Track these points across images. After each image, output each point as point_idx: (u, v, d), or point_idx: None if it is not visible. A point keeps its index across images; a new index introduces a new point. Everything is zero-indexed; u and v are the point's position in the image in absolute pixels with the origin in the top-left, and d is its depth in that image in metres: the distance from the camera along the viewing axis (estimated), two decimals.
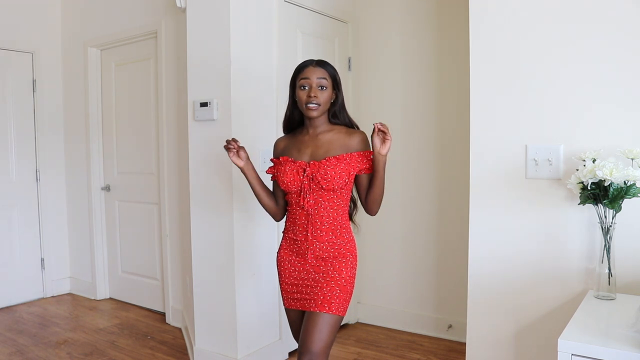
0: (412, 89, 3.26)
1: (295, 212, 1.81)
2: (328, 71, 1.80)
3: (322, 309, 1.72)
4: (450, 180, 3.13)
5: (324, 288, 1.75)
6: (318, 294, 1.76)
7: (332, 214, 1.78)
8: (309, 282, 1.81)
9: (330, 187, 1.74)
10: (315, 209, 1.77)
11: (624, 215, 1.62)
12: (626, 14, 1.67)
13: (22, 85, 4.03)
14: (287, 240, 1.87)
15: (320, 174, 1.74)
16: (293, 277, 1.84)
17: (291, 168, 1.79)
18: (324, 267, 1.79)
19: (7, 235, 3.96)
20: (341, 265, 1.78)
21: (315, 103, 1.75)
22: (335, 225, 1.79)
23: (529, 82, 1.84)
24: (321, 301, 1.73)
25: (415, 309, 3.30)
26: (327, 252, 1.78)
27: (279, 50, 2.82)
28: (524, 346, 1.88)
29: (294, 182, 1.78)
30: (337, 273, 1.77)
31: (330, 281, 1.76)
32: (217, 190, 2.65)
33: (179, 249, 3.48)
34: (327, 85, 1.78)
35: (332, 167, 1.74)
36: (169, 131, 3.50)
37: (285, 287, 1.87)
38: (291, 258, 1.84)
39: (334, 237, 1.79)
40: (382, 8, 3.35)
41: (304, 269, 1.82)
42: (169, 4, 3.32)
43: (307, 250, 1.80)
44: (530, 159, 1.83)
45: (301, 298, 1.83)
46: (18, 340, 3.22)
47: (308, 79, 1.77)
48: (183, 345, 3.16)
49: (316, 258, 1.79)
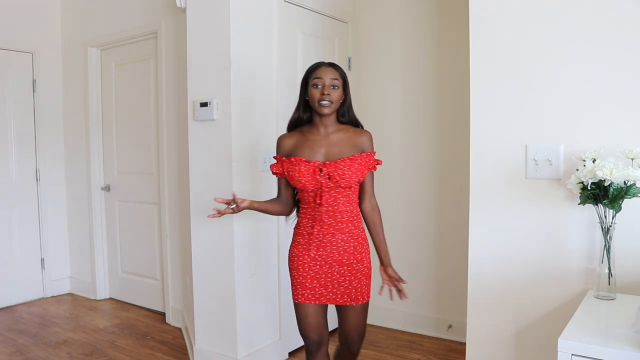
0: (412, 89, 3.26)
1: (314, 209, 1.88)
2: (340, 72, 1.90)
3: (357, 301, 1.90)
4: (450, 180, 3.13)
5: (353, 281, 1.90)
6: (349, 287, 1.90)
7: (348, 207, 1.89)
8: (333, 275, 1.89)
9: (348, 185, 1.85)
10: (334, 205, 1.87)
11: (624, 215, 1.62)
12: (626, 14, 1.67)
13: (22, 85, 4.03)
14: (303, 236, 1.92)
15: (338, 174, 1.84)
16: (314, 272, 1.90)
17: (307, 168, 1.85)
18: (347, 259, 1.89)
19: (7, 235, 3.96)
20: (362, 256, 1.91)
21: (328, 100, 1.84)
22: (352, 216, 1.91)
23: (529, 82, 1.83)
24: (354, 294, 1.90)
25: (415, 309, 3.30)
26: (348, 243, 1.89)
27: (279, 50, 2.82)
28: (524, 346, 1.88)
29: (311, 182, 1.85)
30: (361, 264, 1.91)
31: (357, 273, 1.90)
32: (217, 190, 2.65)
33: (179, 249, 3.48)
34: (339, 85, 1.87)
35: (347, 166, 1.85)
36: (169, 131, 3.50)
37: (303, 282, 1.91)
38: (310, 253, 1.89)
39: (353, 227, 1.90)
40: (382, 8, 3.35)
41: (326, 263, 1.89)
42: (169, 4, 3.32)
43: (329, 243, 1.88)
44: (530, 159, 1.83)
45: (326, 293, 1.90)
46: (18, 340, 3.22)
47: (321, 78, 1.85)
48: (183, 345, 3.16)
49: (338, 250, 1.88)
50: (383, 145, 3.33)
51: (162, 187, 3.57)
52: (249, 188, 2.65)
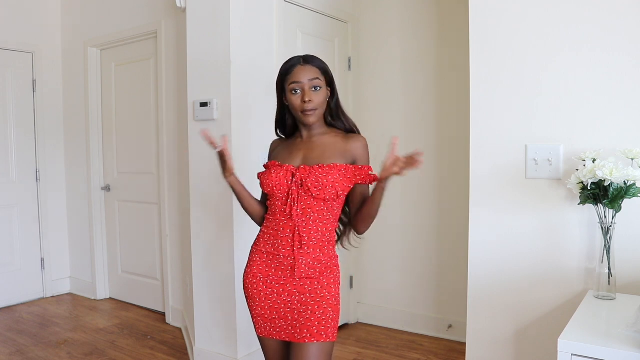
0: (412, 89, 3.26)
1: (279, 222, 1.58)
2: (319, 68, 1.60)
3: (319, 337, 1.51)
4: (450, 180, 3.13)
5: (316, 312, 1.53)
6: (310, 319, 1.52)
7: (320, 228, 1.57)
8: (293, 305, 1.56)
9: (321, 197, 1.53)
10: (303, 221, 1.55)
11: (624, 215, 1.62)
12: (626, 16, 1.67)
13: (22, 85, 4.02)
14: (262, 255, 1.61)
15: (311, 180, 1.53)
16: (272, 301, 1.59)
17: (277, 171, 1.58)
18: (310, 285, 1.56)
19: (7, 235, 3.96)
20: (329, 282, 1.57)
21: (311, 108, 1.56)
22: (323, 242, 1.58)
23: (529, 82, 1.83)
24: (316, 328, 1.51)
25: (415, 309, 3.30)
26: (313, 269, 1.56)
27: (279, 50, 2.82)
28: (524, 346, 1.88)
29: (280, 186, 1.56)
30: (327, 291, 1.56)
31: (321, 302, 1.54)
32: (217, 190, 2.65)
33: (179, 249, 3.48)
34: (321, 85, 1.58)
35: (324, 174, 1.53)
36: (169, 131, 3.50)
37: (262, 313, 1.61)
38: (268, 277, 1.59)
39: (322, 255, 1.57)
40: (382, 8, 3.35)
41: (285, 290, 1.57)
42: (169, 4, 3.32)
43: (292, 266, 1.56)
44: (530, 159, 1.83)
45: (285, 326, 1.58)
46: (18, 340, 3.22)
47: (299, 82, 1.56)
48: (183, 345, 3.16)
49: (300, 275, 1.55)
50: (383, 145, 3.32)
51: (162, 187, 3.57)
52: (249, 188, 2.64)
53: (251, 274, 1.63)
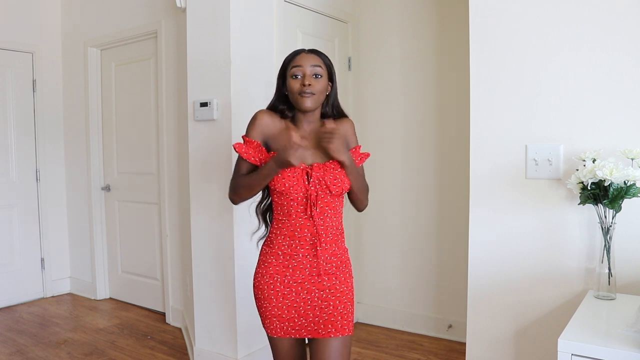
0: (412, 89, 3.26)
1: (295, 224, 1.55)
2: (323, 59, 1.61)
3: (342, 332, 1.56)
4: (450, 180, 3.13)
5: (337, 307, 1.57)
6: (333, 314, 1.56)
7: (334, 222, 1.59)
8: (314, 302, 1.57)
9: (339, 192, 1.56)
10: (321, 219, 1.55)
11: (624, 215, 1.62)
12: (626, 16, 1.67)
13: (22, 85, 4.02)
14: (278, 257, 1.59)
15: (329, 178, 1.53)
16: (290, 300, 1.58)
17: (292, 172, 1.53)
18: (328, 281, 1.58)
19: (7, 235, 3.96)
20: (345, 277, 1.61)
21: (309, 92, 1.54)
22: (337, 235, 1.61)
23: (529, 82, 1.84)
24: (340, 322, 1.56)
25: (415, 309, 3.30)
26: (330, 264, 1.58)
27: (279, 50, 2.81)
28: (524, 346, 1.88)
29: (297, 188, 1.53)
30: (345, 286, 1.59)
31: (341, 297, 1.58)
32: (217, 190, 2.65)
33: (179, 249, 3.48)
34: (322, 74, 1.57)
35: (338, 168, 1.55)
36: (169, 131, 3.50)
37: (278, 314, 1.59)
38: (285, 277, 1.57)
39: (337, 249, 1.60)
40: (382, 8, 3.35)
41: (304, 288, 1.57)
42: (169, 4, 3.32)
43: (312, 264, 1.56)
44: (530, 159, 1.83)
45: (307, 324, 1.58)
46: (18, 340, 3.22)
47: (301, 66, 1.55)
48: (183, 345, 3.16)
49: (318, 272, 1.57)
50: (383, 145, 3.34)
51: (162, 187, 3.57)
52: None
53: (267, 275, 1.60)
